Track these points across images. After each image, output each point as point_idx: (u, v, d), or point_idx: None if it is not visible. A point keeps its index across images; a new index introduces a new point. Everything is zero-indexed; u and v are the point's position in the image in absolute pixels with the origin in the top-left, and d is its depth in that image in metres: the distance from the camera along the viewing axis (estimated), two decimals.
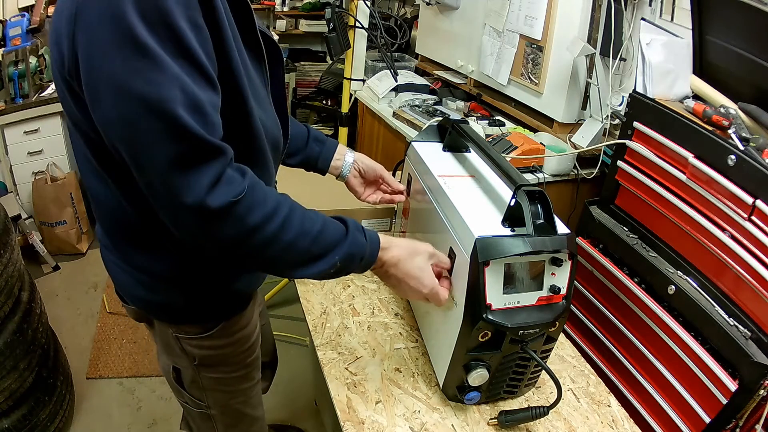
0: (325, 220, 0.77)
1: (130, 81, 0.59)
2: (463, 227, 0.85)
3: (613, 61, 1.68)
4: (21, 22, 2.48)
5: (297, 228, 0.72)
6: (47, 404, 1.59)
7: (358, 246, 0.78)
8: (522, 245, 0.79)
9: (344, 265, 0.78)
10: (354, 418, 0.89)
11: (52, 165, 2.59)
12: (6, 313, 1.43)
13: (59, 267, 2.54)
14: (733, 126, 1.13)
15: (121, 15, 0.57)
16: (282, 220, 0.71)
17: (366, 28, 1.92)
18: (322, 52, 3.80)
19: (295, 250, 0.73)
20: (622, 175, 1.37)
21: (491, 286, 0.80)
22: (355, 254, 0.78)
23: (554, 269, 0.84)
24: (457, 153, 1.13)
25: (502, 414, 0.89)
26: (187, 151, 0.62)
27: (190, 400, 1.01)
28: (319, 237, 0.74)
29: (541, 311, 0.84)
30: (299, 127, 1.10)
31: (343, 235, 0.77)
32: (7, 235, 1.50)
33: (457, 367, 0.87)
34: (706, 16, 1.26)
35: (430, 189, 1.02)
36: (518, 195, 0.82)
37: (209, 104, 0.64)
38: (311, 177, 1.40)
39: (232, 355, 0.95)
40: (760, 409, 1.03)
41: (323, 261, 0.75)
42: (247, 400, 1.04)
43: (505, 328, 0.82)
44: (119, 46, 0.58)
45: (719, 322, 1.09)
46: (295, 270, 0.76)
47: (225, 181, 0.66)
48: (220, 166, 0.65)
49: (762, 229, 1.02)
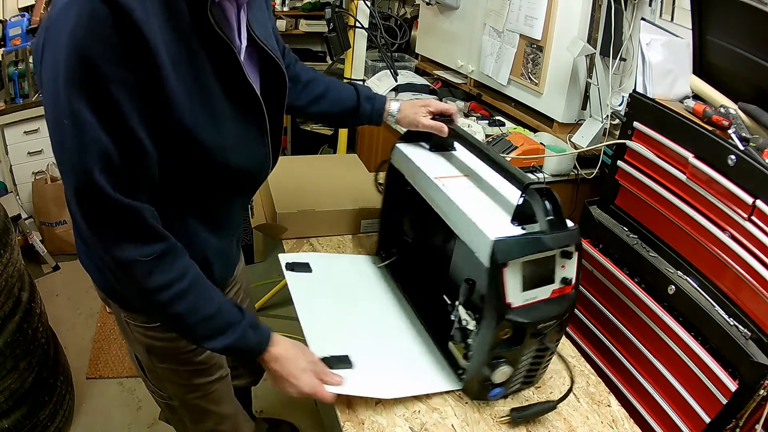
0: (221, 302, 0.82)
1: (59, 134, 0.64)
2: (474, 230, 0.86)
3: (613, 61, 1.68)
4: (21, 22, 2.47)
5: (191, 303, 0.77)
6: (47, 404, 1.59)
7: (247, 340, 0.83)
8: (539, 243, 0.82)
9: (229, 352, 0.84)
10: (354, 418, 0.89)
11: (52, 165, 2.58)
12: (6, 313, 1.43)
13: (59, 267, 2.54)
14: (733, 126, 1.13)
15: (58, 72, 0.61)
16: (178, 292, 0.76)
17: (366, 28, 1.92)
18: (322, 52, 3.79)
19: (185, 322, 0.78)
20: (622, 175, 1.37)
21: (510, 285, 0.82)
22: (241, 347, 0.83)
23: (564, 262, 0.87)
24: (445, 152, 1.14)
25: (514, 411, 0.90)
26: (98, 211, 0.68)
27: (153, 389, 1.04)
28: (214, 316, 0.80)
29: (556, 303, 0.87)
30: (348, 91, 1.12)
31: (238, 321, 0.82)
32: (7, 235, 1.50)
33: (478, 368, 0.89)
34: (706, 16, 1.26)
35: (426, 192, 1.02)
36: (528, 193, 0.83)
37: (129, 161, 0.67)
38: (311, 177, 1.41)
39: (178, 350, 0.96)
40: (760, 409, 1.03)
41: (212, 341, 0.81)
42: (206, 396, 1.03)
43: (526, 325, 0.85)
44: (55, 104, 0.63)
45: (719, 322, 1.09)
46: (189, 336, 0.83)
47: (134, 238, 0.71)
48: (129, 225, 0.70)
49: (762, 229, 1.02)
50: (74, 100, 0.61)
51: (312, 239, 1.34)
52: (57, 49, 0.60)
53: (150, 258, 0.72)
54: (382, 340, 1.04)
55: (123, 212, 0.69)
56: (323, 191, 1.40)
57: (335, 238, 1.35)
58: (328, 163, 1.71)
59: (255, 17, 0.79)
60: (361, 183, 1.43)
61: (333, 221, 1.35)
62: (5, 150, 2.50)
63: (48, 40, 0.62)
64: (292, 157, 1.76)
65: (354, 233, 1.37)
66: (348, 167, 1.56)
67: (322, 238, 1.34)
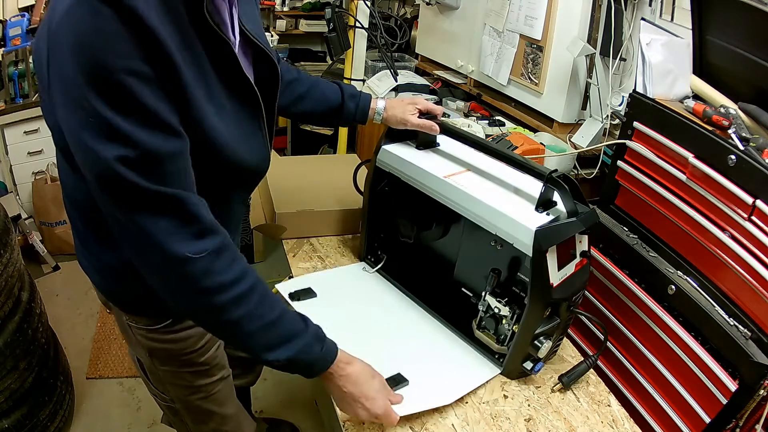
0: (284, 310, 0.76)
1: (82, 137, 0.63)
2: (510, 223, 0.92)
3: (613, 61, 1.68)
4: (21, 22, 2.47)
5: (252, 309, 0.72)
6: (47, 404, 1.59)
7: (311, 353, 0.77)
8: (576, 226, 0.91)
9: (289, 366, 0.77)
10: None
11: (52, 165, 2.58)
12: (6, 313, 1.43)
13: (59, 267, 2.54)
14: (733, 126, 1.13)
15: (72, 77, 0.60)
16: (240, 294, 0.71)
17: (366, 28, 1.92)
18: (322, 52, 3.79)
19: (242, 327, 0.72)
20: (622, 175, 1.37)
21: (551, 268, 0.90)
22: (305, 356, 0.77)
23: (581, 237, 0.98)
24: (433, 149, 1.15)
25: (563, 377, 0.99)
26: (137, 199, 0.65)
27: (156, 392, 1.02)
28: (276, 323, 0.75)
29: (580, 274, 0.98)
30: (332, 90, 1.11)
31: (302, 330, 0.77)
32: (7, 235, 1.50)
33: (523, 348, 0.96)
34: (706, 16, 1.26)
35: (437, 191, 1.03)
36: (551, 182, 0.91)
37: (164, 153, 0.65)
38: (311, 177, 1.41)
39: (182, 352, 0.94)
40: (760, 409, 1.03)
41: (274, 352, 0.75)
42: (209, 397, 1.02)
43: (566, 300, 0.95)
44: (74, 109, 0.62)
45: (719, 322, 1.09)
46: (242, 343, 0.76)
47: (190, 230, 0.67)
48: (180, 214, 0.67)
49: (762, 229, 1.02)
50: (93, 99, 0.60)
51: (312, 239, 1.34)
52: (67, 55, 0.60)
53: (204, 254, 0.68)
54: (415, 347, 1.05)
55: (164, 201, 0.66)
56: (323, 191, 1.40)
57: (335, 238, 1.35)
58: (328, 163, 1.71)
59: (245, 12, 0.79)
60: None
61: (332, 221, 1.35)
62: (5, 150, 2.49)
63: (54, 49, 0.62)
64: (292, 157, 1.76)
65: (354, 233, 1.37)
66: (348, 167, 1.56)
67: (321, 238, 1.34)
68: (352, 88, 1.14)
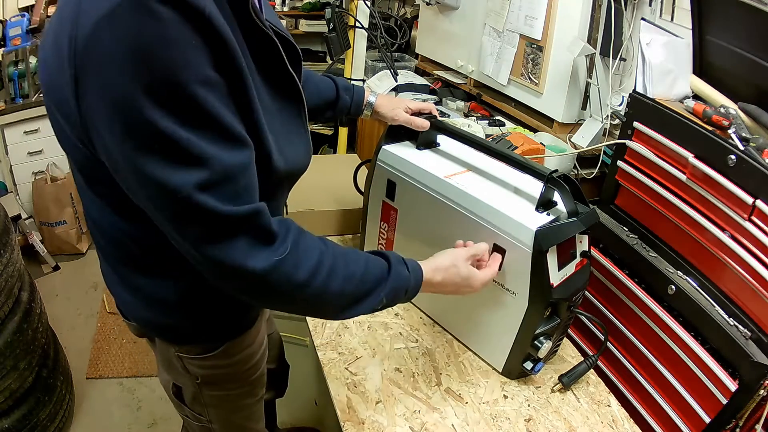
0: (367, 259, 0.76)
1: (145, 167, 0.55)
2: (511, 223, 0.92)
3: (613, 61, 1.68)
4: (21, 22, 2.47)
5: (342, 275, 0.71)
6: (47, 404, 1.59)
7: (402, 280, 0.78)
8: (576, 226, 0.91)
9: (390, 300, 0.77)
10: (354, 418, 0.89)
11: (52, 165, 2.59)
12: (6, 313, 1.43)
13: (59, 267, 2.54)
14: (733, 126, 1.13)
15: (127, 96, 0.52)
16: (327, 271, 0.69)
17: (366, 28, 1.92)
18: (322, 52, 3.79)
19: (342, 296, 0.72)
20: (622, 175, 1.37)
21: (551, 268, 0.90)
22: (399, 288, 0.78)
23: (582, 237, 0.98)
24: (433, 149, 1.15)
25: (563, 377, 1.00)
26: (213, 228, 0.60)
27: (192, 414, 0.98)
28: (364, 278, 0.74)
29: (580, 274, 0.98)
30: (326, 83, 1.10)
31: (386, 271, 0.77)
32: (7, 235, 1.50)
33: (522, 348, 0.96)
34: (706, 16, 1.26)
35: (438, 191, 1.03)
36: (552, 182, 0.91)
37: (238, 167, 0.60)
38: (311, 177, 1.40)
39: (236, 373, 0.92)
40: (760, 409, 1.03)
41: (368, 300, 0.75)
42: (250, 415, 1.02)
43: (566, 300, 0.95)
44: (129, 132, 0.54)
45: (719, 322, 1.09)
46: (341, 312, 0.75)
47: (264, 241, 0.64)
48: (253, 230, 0.62)
49: (762, 229, 1.02)
50: (159, 119, 0.52)
51: None
52: (114, 73, 0.51)
53: (285, 255, 0.65)
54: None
55: (240, 222, 0.61)
56: (323, 191, 1.40)
57: (335, 238, 1.35)
58: (328, 163, 1.71)
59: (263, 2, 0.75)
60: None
61: (333, 221, 1.35)
62: (5, 150, 2.50)
63: (91, 66, 0.52)
64: None
65: (354, 233, 1.37)
66: (348, 167, 1.56)
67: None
68: (344, 81, 1.12)
